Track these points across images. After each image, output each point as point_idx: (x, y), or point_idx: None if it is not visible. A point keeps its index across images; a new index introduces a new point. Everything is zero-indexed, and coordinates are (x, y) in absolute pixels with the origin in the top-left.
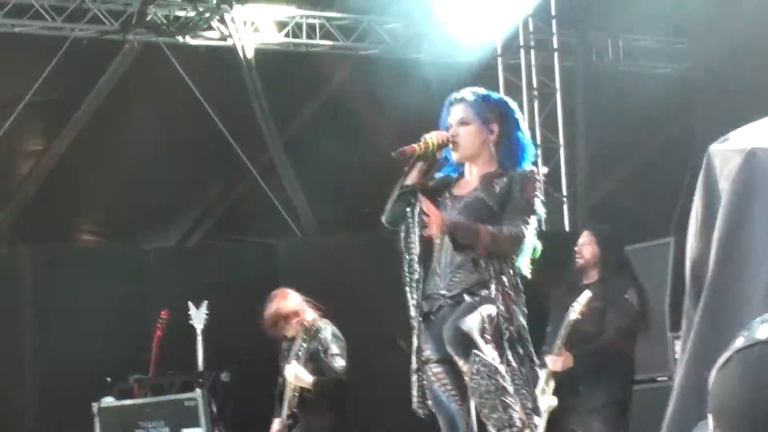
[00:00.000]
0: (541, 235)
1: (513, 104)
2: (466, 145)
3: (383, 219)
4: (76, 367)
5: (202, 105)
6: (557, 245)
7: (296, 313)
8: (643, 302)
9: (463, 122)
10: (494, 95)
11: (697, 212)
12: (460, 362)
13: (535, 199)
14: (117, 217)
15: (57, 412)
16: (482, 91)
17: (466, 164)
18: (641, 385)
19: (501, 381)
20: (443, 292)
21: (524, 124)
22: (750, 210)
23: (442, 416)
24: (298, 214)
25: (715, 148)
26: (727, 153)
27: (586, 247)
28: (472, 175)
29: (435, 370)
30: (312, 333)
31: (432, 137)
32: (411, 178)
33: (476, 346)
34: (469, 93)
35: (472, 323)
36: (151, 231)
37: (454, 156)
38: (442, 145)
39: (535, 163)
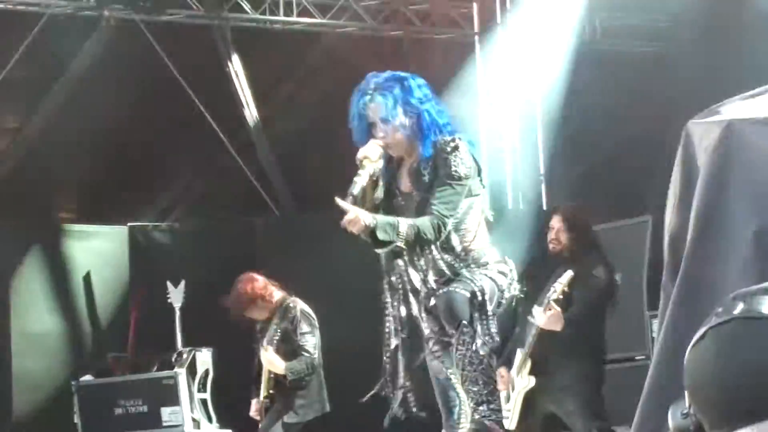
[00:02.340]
0: (517, 213)
1: (413, 78)
2: (397, 143)
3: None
4: (54, 346)
5: (178, 82)
6: (535, 223)
7: (262, 297)
8: (610, 278)
9: (384, 121)
10: (398, 77)
11: (676, 187)
12: (450, 332)
13: (460, 167)
14: (94, 195)
15: (37, 390)
16: (389, 78)
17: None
18: (619, 364)
19: (484, 355)
20: (431, 281)
21: (428, 91)
22: (728, 183)
23: (438, 391)
24: (276, 191)
25: (694, 122)
26: (705, 126)
27: (561, 233)
28: (407, 164)
29: (433, 348)
30: (282, 313)
31: (368, 160)
32: (367, 202)
33: (465, 317)
34: (379, 86)
35: (464, 293)
36: (128, 209)
37: (392, 154)
38: (380, 157)
39: (449, 125)
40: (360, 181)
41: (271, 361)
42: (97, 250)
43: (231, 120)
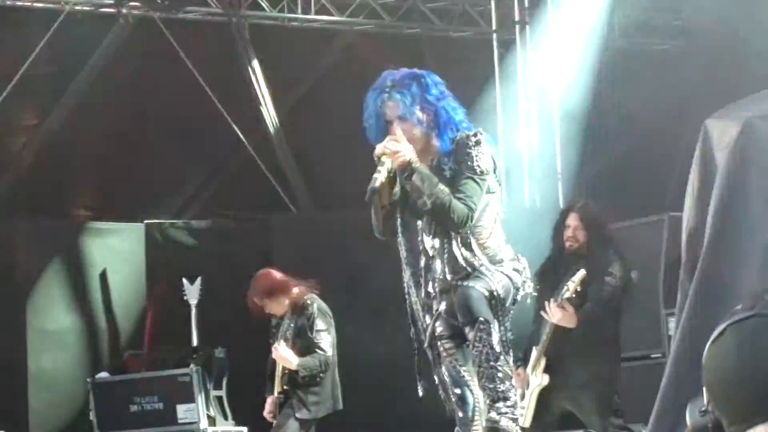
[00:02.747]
0: (534, 212)
1: (429, 75)
2: (415, 140)
3: (376, 233)
4: (70, 343)
5: (196, 79)
6: (552, 221)
7: (281, 291)
8: (627, 276)
9: (401, 119)
10: (415, 75)
11: (694, 184)
12: (466, 328)
13: (482, 162)
14: (111, 192)
15: (54, 387)
16: (406, 75)
17: None
18: (636, 362)
19: (501, 352)
20: (448, 277)
21: (444, 88)
22: (747, 180)
23: (453, 390)
24: (293, 189)
25: (712, 121)
26: (724, 124)
27: (578, 231)
28: (423, 161)
29: (446, 345)
30: (298, 309)
31: (386, 157)
32: (385, 199)
33: (482, 313)
34: (396, 84)
35: (481, 290)
36: (145, 206)
37: None
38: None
39: (465, 121)
40: (380, 177)
41: (284, 356)
42: (114, 248)
43: (249, 118)
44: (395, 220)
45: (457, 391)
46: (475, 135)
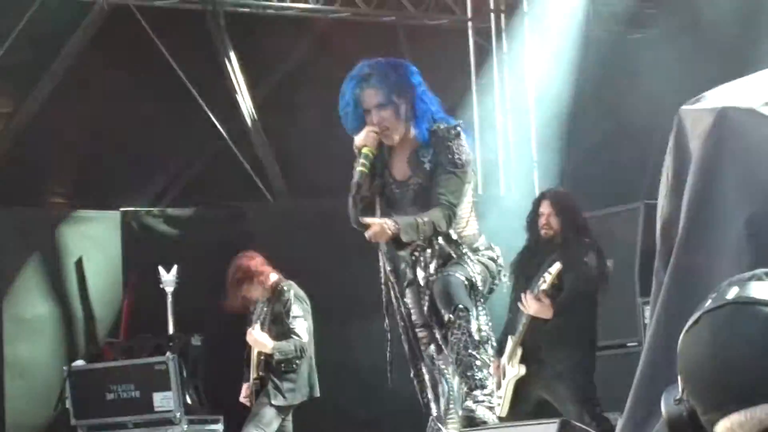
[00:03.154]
0: (510, 199)
1: (406, 65)
2: (393, 129)
3: (352, 223)
4: (46, 331)
5: (172, 67)
6: (527, 210)
7: (259, 273)
8: (601, 264)
9: (381, 106)
10: (392, 64)
11: (668, 173)
12: (445, 315)
13: (462, 155)
14: (87, 180)
15: (30, 375)
16: (383, 64)
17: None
18: (611, 351)
19: (479, 340)
20: (431, 269)
21: (420, 78)
22: (721, 170)
23: (428, 376)
24: (269, 177)
25: (686, 109)
26: (698, 113)
27: (552, 218)
28: (400, 152)
29: (420, 334)
30: (275, 295)
31: (368, 148)
32: (365, 189)
33: (461, 301)
34: (375, 72)
35: (461, 278)
36: (121, 194)
37: (387, 142)
38: (378, 143)
39: (440, 111)
40: (360, 168)
41: (258, 340)
42: (90, 236)
43: (225, 105)
44: (374, 211)
45: (431, 375)
46: (455, 127)
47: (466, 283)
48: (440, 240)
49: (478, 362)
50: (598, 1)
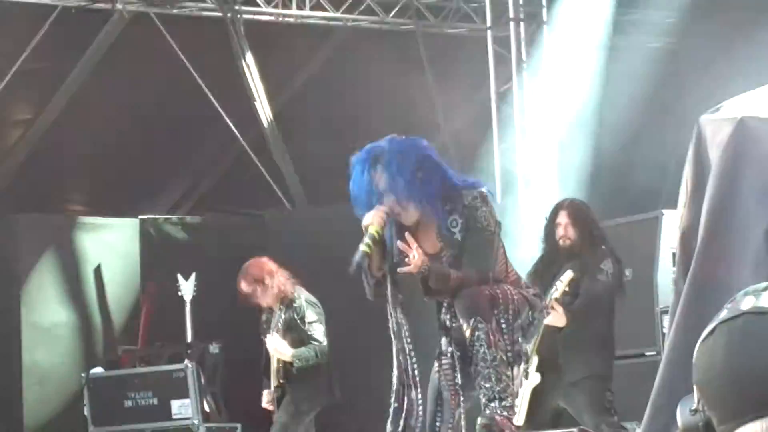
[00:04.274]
0: (528, 208)
1: (413, 144)
2: (404, 214)
3: (368, 296)
4: (65, 338)
5: (191, 75)
6: (547, 218)
7: (270, 277)
8: (619, 272)
9: (387, 193)
10: (400, 148)
11: (687, 182)
12: (464, 326)
13: (490, 220)
14: (105, 188)
15: (48, 382)
16: (390, 149)
17: None
18: (630, 360)
19: (498, 352)
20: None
21: (430, 153)
22: (740, 179)
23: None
24: (288, 185)
25: (706, 118)
26: (717, 122)
27: (569, 228)
28: (426, 227)
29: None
30: (287, 302)
31: (374, 227)
32: (376, 268)
33: (481, 313)
34: (381, 156)
35: (486, 292)
36: (139, 202)
37: (405, 223)
38: (385, 223)
39: (458, 178)
40: (364, 249)
41: (277, 348)
42: (109, 243)
43: (243, 113)
44: (385, 290)
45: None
46: (480, 194)
47: (491, 296)
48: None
49: (496, 374)
50: (619, 10)
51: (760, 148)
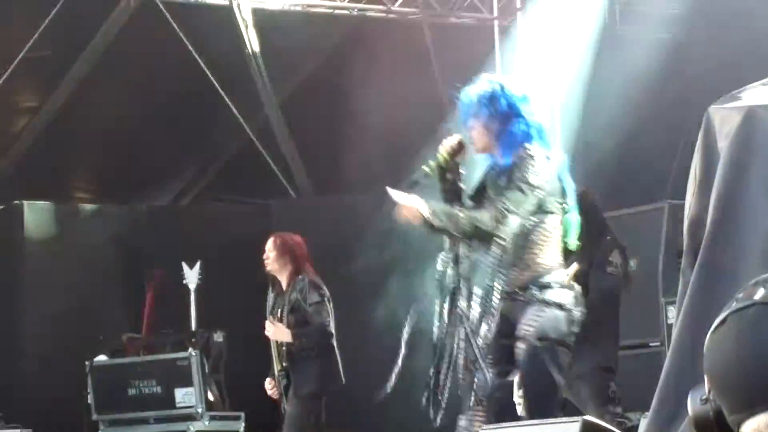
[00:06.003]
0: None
1: (505, 89)
2: (476, 142)
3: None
4: (69, 326)
5: (197, 63)
6: None
7: (293, 255)
8: (625, 263)
9: (474, 117)
10: (489, 88)
11: (696, 171)
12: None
13: (530, 175)
14: (111, 176)
15: (52, 369)
16: (481, 87)
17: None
18: (634, 351)
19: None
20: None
21: (522, 102)
22: (749, 168)
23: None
24: (293, 174)
25: (715, 108)
26: (726, 112)
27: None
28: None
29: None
30: (291, 285)
31: (445, 152)
32: (444, 186)
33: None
34: (467, 94)
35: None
36: (145, 190)
37: (475, 150)
38: (455, 151)
39: (534, 132)
40: (425, 168)
41: (276, 331)
42: (114, 230)
43: (249, 101)
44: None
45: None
46: (529, 149)
47: (540, 337)
48: (498, 272)
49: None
50: (628, 2)
51: None
